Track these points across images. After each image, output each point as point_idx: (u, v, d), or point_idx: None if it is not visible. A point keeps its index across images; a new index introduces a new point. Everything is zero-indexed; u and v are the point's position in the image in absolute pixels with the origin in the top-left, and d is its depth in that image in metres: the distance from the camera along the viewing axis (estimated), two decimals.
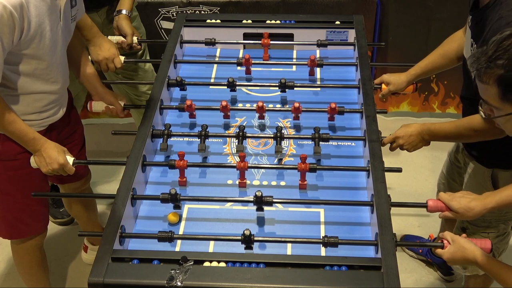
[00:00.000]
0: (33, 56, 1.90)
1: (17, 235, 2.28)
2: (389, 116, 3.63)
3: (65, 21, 2.00)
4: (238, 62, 2.41)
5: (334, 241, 1.71)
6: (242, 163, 1.94)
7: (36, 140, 2.00)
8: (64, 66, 2.10)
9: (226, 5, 3.18)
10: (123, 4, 2.55)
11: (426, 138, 2.10)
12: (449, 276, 2.77)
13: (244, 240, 1.72)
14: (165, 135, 2.10)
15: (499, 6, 1.81)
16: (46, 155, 1.99)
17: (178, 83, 2.30)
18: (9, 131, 1.96)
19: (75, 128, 2.35)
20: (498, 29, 1.77)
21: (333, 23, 2.61)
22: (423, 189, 3.06)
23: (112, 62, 2.36)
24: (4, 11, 1.72)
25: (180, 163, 1.95)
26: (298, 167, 1.94)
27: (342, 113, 2.17)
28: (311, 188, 1.98)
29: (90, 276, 1.61)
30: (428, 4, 3.31)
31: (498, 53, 1.46)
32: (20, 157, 2.07)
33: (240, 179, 1.97)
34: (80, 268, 2.87)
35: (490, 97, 1.52)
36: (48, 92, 2.04)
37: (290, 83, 2.27)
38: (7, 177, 2.12)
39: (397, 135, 2.12)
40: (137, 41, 2.54)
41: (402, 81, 2.35)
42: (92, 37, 2.32)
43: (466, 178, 2.23)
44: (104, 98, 2.26)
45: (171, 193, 1.83)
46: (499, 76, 1.46)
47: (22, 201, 2.17)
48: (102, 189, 3.13)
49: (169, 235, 1.74)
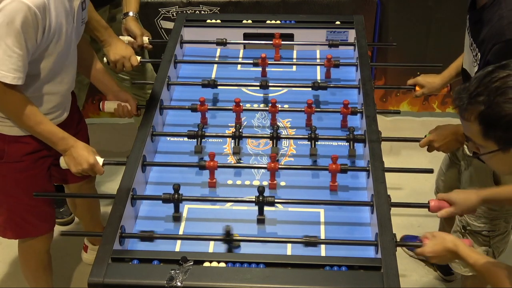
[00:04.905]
0: (49, 57, 1.92)
1: (23, 234, 2.28)
2: (389, 116, 3.63)
3: (77, 23, 2.02)
4: (255, 62, 2.40)
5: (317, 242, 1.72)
6: (273, 164, 1.94)
7: (65, 139, 1.99)
8: (73, 67, 2.11)
9: (226, 5, 3.18)
10: (129, 6, 2.56)
11: (460, 140, 2.09)
12: (449, 276, 2.77)
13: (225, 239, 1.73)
14: (199, 136, 2.09)
15: (498, 7, 1.80)
16: (76, 155, 1.98)
17: (210, 83, 2.30)
18: (38, 132, 1.97)
19: (79, 128, 2.36)
20: (499, 29, 1.77)
21: (333, 23, 2.61)
22: (423, 189, 3.06)
23: (129, 61, 2.37)
24: (29, 12, 1.75)
25: (211, 164, 1.95)
26: (329, 167, 1.93)
27: (355, 113, 2.17)
28: (311, 188, 1.98)
29: (90, 276, 1.61)
30: (428, 4, 3.31)
31: (479, 89, 1.42)
32: (25, 158, 2.07)
33: (271, 181, 1.97)
34: (80, 268, 2.87)
35: (473, 135, 1.48)
36: (55, 93, 2.05)
37: (323, 84, 2.28)
38: (13, 178, 2.12)
39: (431, 139, 2.13)
40: (148, 41, 2.54)
41: (436, 84, 2.35)
42: (108, 37, 2.34)
43: (466, 175, 2.23)
44: (118, 95, 2.26)
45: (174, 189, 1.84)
46: (480, 113, 1.42)
47: (28, 202, 2.17)
48: (102, 189, 3.13)
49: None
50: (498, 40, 1.77)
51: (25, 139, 2.04)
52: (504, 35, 1.75)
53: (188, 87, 2.36)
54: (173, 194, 1.84)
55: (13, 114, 1.94)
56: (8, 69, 1.80)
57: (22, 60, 1.81)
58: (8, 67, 1.80)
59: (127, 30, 2.54)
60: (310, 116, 2.19)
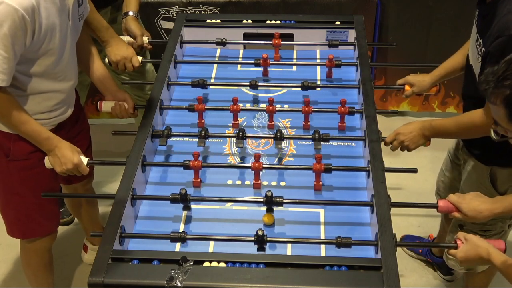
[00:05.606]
0: (43, 57, 1.91)
1: (30, 234, 2.28)
2: (389, 116, 3.63)
3: (73, 20, 2.02)
4: (256, 62, 2.41)
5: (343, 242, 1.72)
6: (257, 163, 1.94)
7: (50, 139, 2.00)
8: (73, 65, 2.11)
9: (226, 5, 3.18)
10: (129, 6, 2.55)
11: (427, 134, 2.10)
12: (449, 276, 2.77)
13: (257, 240, 1.72)
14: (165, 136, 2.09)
15: (508, 1, 1.81)
16: (61, 155, 1.99)
17: (199, 83, 2.30)
18: (22, 131, 1.97)
19: (82, 127, 2.36)
20: (506, 22, 1.77)
21: (333, 23, 2.61)
22: (423, 189, 3.06)
23: (130, 62, 2.37)
24: (16, 15, 1.74)
25: (195, 164, 1.95)
26: (313, 167, 1.93)
27: (353, 113, 2.17)
28: (310, 188, 1.98)
29: (90, 276, 1.61)
30: (428, 4, 3.32)
31: (507, 73, 1.42)
32: (31, 156, 2.08)
33: (255, 180, 1.97)
34: (80, 268, 2.87)
35: (500, 118, 1.48)
36: (57, 91, 2.05)
37: (312, 83, 2.28)
38: (19, 177, 2.12)
39: (398, 132, 2.12)
40: (148, 41, 2.54)
41: (426, 82, 2.35)
42: (109, 37, 2.34)
43: (464, 176, 2.23)
44: (116, 95, 2.25)
45: (181, 193, 1.83)
46: (506, 97, 1.42)
47: (34, 200, 2.17)
48: (102, 189, 3.14)
49: (181, 235, 1.73)
50: (502, 33, 1.77)
51: None
52: (509, 29, 1.76)
53: (188, 87, 2.36)
54: (182, 195, 1.83)
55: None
56: None
57: (8, 63, 1.80)
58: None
59: (127, 30, 2.54)
60: (307, 116, 2.19)
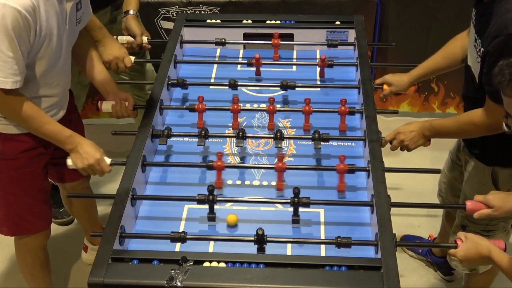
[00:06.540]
0: (39, 61, 1.92)
1: (19, 231, 2.28)
2: (389, 116, 3.63)
3: (70, 25, 2.02)
4: (249, 62, 2.41)
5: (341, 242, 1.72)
6: (281, 163, 1.94)
7: (72, 137, 1.99)
8: (67, 69, 2.11)
9: (226, 5, 3.18)
10: (129, 5, 2.56)
11: (427, 134, 2.10)
12: (449, 276, 2.77)
13: (257, 240, 1.72)
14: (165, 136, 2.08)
15: (506, 1, 1.81)
16: (83, 151, 1.98)
17: (179, 83, 2.30)
18: (43, 132, 1.97)
19: (76, 128, 2.35)
20: (504, 22, 1.77)
21: (333, 23, 2.61)
22: (423, 189, 3.06)
23: (122, 62, 2.37)
24: (19, 16, 1.75)
25: (218, 163, 1.95)
26: (337, 167, 1.93)
27: (353, 113, 2.17)
28: (310, 188, 1.98)
29: (90, 276, 1.61)
30: (428, 4, 3.31)
31: None
32: (21, 156, 2.07)
33: (278, 181, 1.96)
34: (80, 268, 2.87)
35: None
36: (49, 95, 2.05)
37: (291, 83, 2.27)
38: (9, 176, 2.12)
39: (398, 131, 2.12)
40: (147, 41, 2.54)
41: (404, 82, 2.35)
42: (102, 37, 2.34)
43: (466, 176, 2.23)
44: (117, 95, 2.25)
45: (209, 190, 1.82)
46: None
47: (24, 200, 2.18)
48: (102, 189, 3.13)
49: (181, 235, 1.73)
50: (500, 32, 1.77)
51: (21, 137, 2.05)
52: (507, 28, 1.76)
53: (188, 87, 2.36)
54: (208, 196, 1.83)
55: (17, 118, 1.94)
56: (5, 75, 1.81)
57: (18, 63, 1.81)
58: (5, 73, 1.80)
59: (127, 29, 2.54)
60: (308, 116, 2.19)
